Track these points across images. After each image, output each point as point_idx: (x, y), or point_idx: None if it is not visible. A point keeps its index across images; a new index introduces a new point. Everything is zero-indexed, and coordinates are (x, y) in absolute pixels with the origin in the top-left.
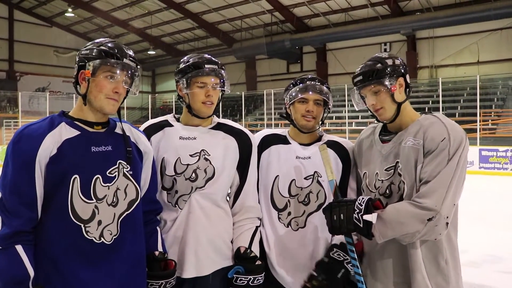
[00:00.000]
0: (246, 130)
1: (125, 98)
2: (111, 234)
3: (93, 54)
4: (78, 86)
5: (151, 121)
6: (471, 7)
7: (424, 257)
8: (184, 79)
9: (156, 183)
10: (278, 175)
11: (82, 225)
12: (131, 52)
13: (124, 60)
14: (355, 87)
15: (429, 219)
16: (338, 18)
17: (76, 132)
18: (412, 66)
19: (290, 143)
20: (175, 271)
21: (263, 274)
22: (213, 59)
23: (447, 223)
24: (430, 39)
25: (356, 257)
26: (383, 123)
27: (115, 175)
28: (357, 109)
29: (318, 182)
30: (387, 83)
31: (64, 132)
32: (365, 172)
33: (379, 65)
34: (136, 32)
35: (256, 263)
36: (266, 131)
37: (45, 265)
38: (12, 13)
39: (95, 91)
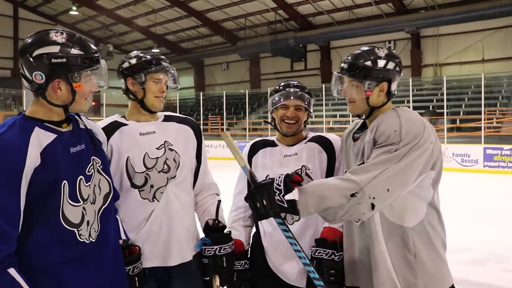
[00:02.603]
0: (190, 117)
1: None
2: (95, 232)
3: (76, 63)
4: (35, 84)
5: (100, 125)
6: (476, 4)
7: (389, 251)
8: (143, 74)
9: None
10: (268, 174)
11: (75, 229)
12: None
13: (100, 61)
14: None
15: (352, 195)
16: (342, 16)
17: (52, 136)
18: (416, 64)
19: (277, 145)
20: (140, 256)
21: (230, 243)
22: (163, 57)
23: (372, 205)
24: (435, 37)
25: (292, 236)
26: (362, 119)
27: (92, 172)
28: (332, 94)
29: (307, 174)
30: (366, 85)
31: (42, 138)
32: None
33: (368, 62)
34: (140, 30)
35: (225, 233)
36: (255, 140)
37: (38, 275)
38: (16, 11)
39: (78, 97)
